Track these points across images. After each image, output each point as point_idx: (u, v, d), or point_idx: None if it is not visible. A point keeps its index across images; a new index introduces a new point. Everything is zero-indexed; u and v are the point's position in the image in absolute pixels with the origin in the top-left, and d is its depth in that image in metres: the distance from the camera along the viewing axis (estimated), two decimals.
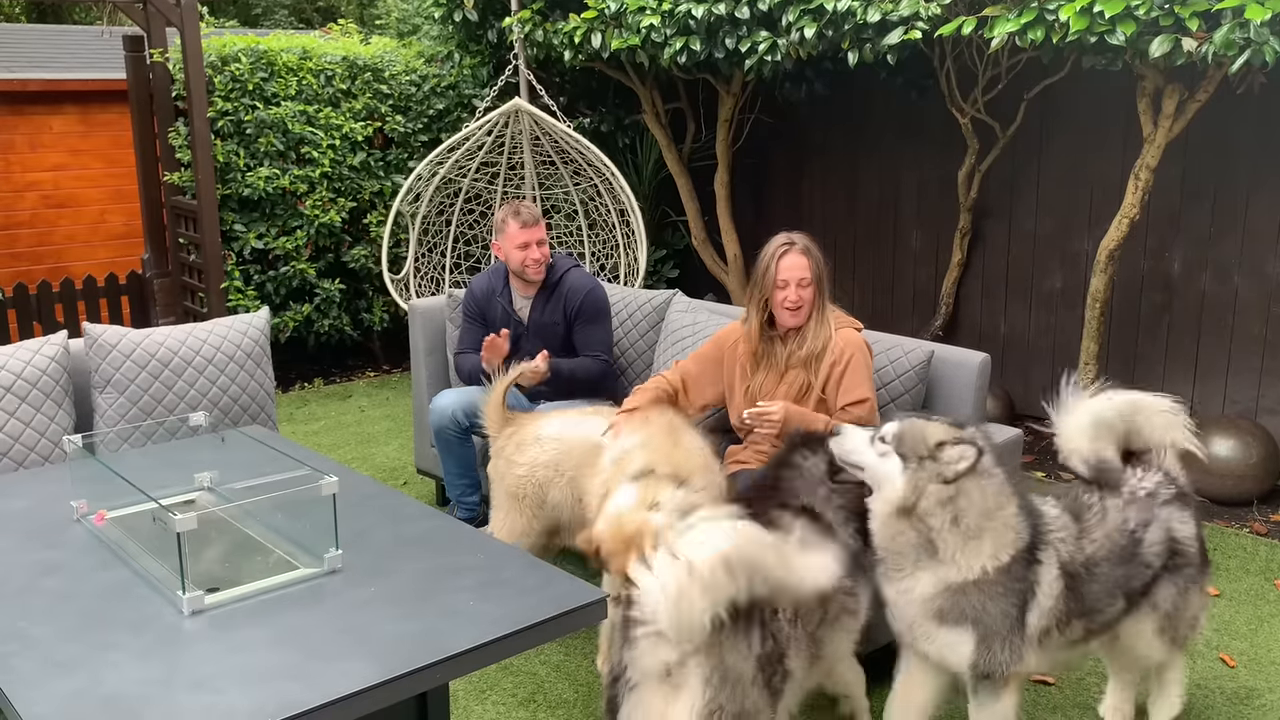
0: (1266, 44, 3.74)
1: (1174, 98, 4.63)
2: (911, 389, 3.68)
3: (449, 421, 4.11)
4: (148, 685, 1.92)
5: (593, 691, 3.34)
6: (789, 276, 3.31)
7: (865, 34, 4.79)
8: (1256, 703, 3.26)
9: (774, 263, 3.33)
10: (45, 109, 8.83)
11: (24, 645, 2.06)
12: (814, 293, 3.34)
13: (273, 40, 6.87)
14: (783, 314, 3.35)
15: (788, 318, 3.35)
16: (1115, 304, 5.49)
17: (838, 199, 6.95)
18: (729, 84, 6.53)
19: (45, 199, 8.90)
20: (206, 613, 2.19)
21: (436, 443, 4.22)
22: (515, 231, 4.13)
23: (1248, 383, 5.21)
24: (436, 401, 4.19)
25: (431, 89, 7.28)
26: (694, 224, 7.04)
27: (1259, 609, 3.85)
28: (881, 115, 6.59)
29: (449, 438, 4.14)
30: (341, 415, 6.33)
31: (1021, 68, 5.47)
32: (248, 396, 3.84)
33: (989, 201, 6.10)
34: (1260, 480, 4.72)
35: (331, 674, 1.94)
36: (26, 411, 3.38)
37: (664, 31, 5.48)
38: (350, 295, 7.17)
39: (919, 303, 6.58)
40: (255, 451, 3.04)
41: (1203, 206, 5.28)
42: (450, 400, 4.15)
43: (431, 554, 2.48)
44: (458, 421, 4.10)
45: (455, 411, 4.10)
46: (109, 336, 3.60)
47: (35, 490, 2.94)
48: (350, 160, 6.89)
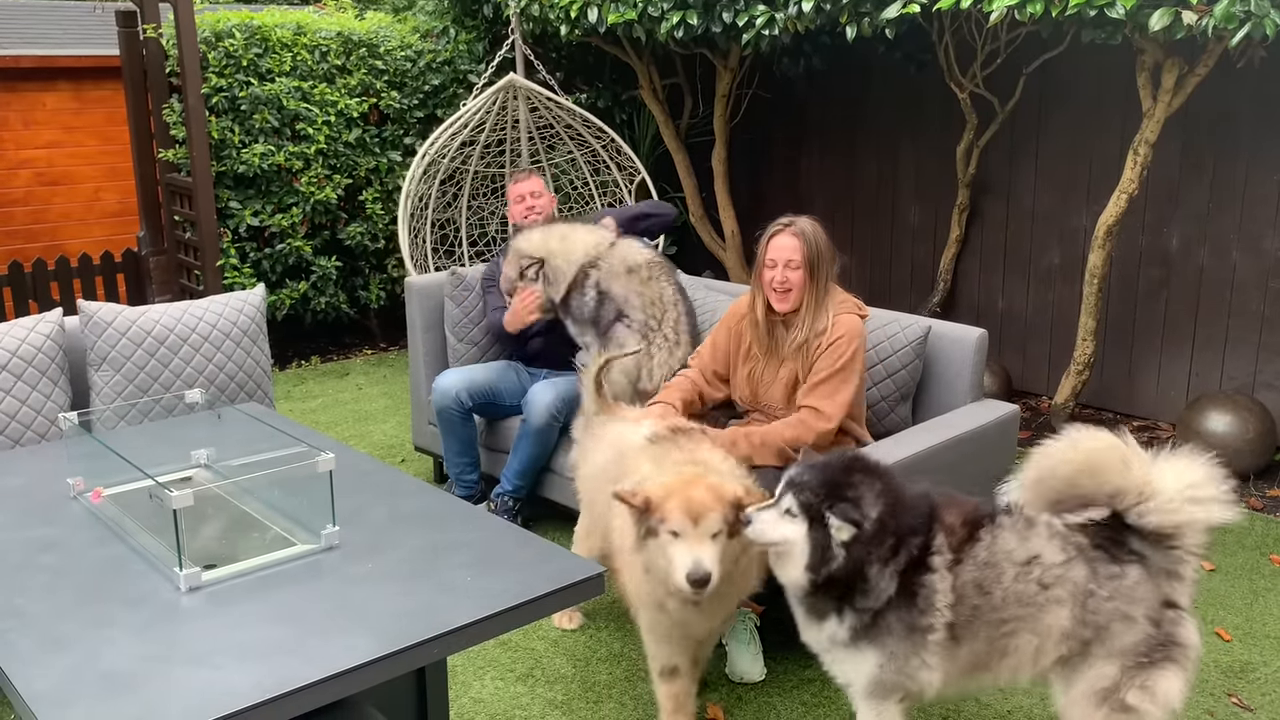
0: (1267, 17, 3.72)
1: (1173, 72, 4.60)
2: (909, 364, 3.68)
3: (452, 402, 4.12)
4: (145, 661, 1.92)
5: (590, 666, 3.35)
6: (777, 257, 3.24)
7: (863, 8, 4.75)
8: (1251, 675, 3.28)
9: (766, 242, 3.29)
10: (38, 86, 8.77)
11: (21, 622, 2.06)
12: (804, 276, 3.22)
13: (267, 16, 6.82)
14: (770, 294, 3.27)
15: (775, 300, 3.27)
16: (1113, 280, 5.49)
17: (836, 175, 6.92)
18: (726, 59, 6.49)
19: (39, 176, 8.85)
20: (204, 589, 2.19)
21: (438, 422, 4.22)
22: (511, 189, 4.51)
23: (1245, 358, 5.21)
24: (439, 381, 4.19)
25: (427, 64, 7.24)
26: (691, 200, 7.02)
27: (1254, 583, 3.86)
28: (880, 90, 6.55)
29: (451, 417, 4.15)
30: (339, 393, 6.33)
31: (1020, 42, 5.44)
32: (244, 374, 3.83)
33: (987, 177, 6.08)
34: (1256, 455, 4.73)
35: (329, 649, 1.94)
36: (22, 389, 3.37)
37: (661, 6, 5.44)
38: (347, 272, 7.15)
39: (917, 279, 6.57)
40: (252, 428, 3.04)
41: (1201, 182, 5.26)
42: (454, 380, 4.16)
43: (429, 530, 2.48)
44: (461, 402, 4.12)
45: (459, 392, 4.12)
46: (104, 314, 3.59)
47: (31, 467, 2.94)
48: (346, 137, 6.86)
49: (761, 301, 3.32)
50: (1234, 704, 3.14)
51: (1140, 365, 5.60)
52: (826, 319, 3.26)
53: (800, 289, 3.24)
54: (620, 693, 3.21)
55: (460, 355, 4.46)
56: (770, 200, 7.24)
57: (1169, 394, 5.50)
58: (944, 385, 3.73)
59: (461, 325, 4.46)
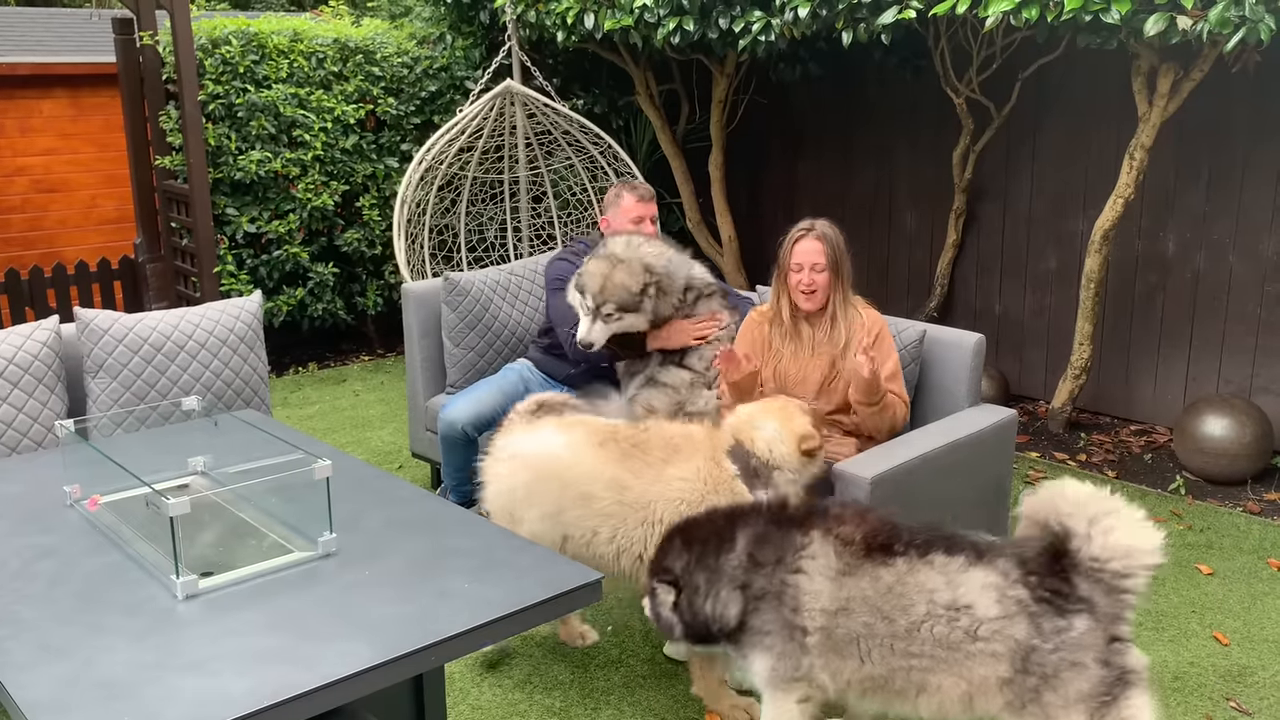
0: (1261, 22, 3.73)
1: (1169, 77, 4.61)
2: (906, 369, 3.68)
3: (458, 434, 4.04)
4: (142, 669, 1.92)
5: (589, 673, 3.35)
6: (803, 260, 3.43)
7: (859, 13, 4.76)
8: (1250, 680, 3.28)
9: (791, 246, 3.47)
10: (35, 93, 8.76)
11: (17, 629, 2.06)
12: (829, 278, 3.43)
13: (263, 23, 6.82)
14: (798, 297, 3.46)
15: (803, 300, 3.46)
16: (1110, 284, 5.49)
17: (832, 180, 6.93)
18: (723, 65, 6.50)
19: (36, 184, 8.85)
20: (200, 597, 2.18)
21: (440, 442, 4.16)
22: (631, 205, 4.08)
23: (1242, 362, 5.22)
24: (447, 412, 4.07)
25: (424, 71, 7.24)
26: (688, 206, 7.02)
27: (1252, 587, 3.86)
28: (876, 95, 6.57)
29: (454, 444, 4.09)
30: (336, 399, 6.32)
31: (1016, 47, 5.45)
32: (241, 381, 3.82)
33: (984, 182, 6.09)
34: (1254, 459, 4.73)
35: (327, 657, 1.94)
36: (19, 397, 3.36)
37: (657, 12, 5.45)
38: (344, 279, 7.14)
39: (914, 283, 6.58)
40: (249, 435, 3.04)
41: (1197, 186, 5.27)
42: (461, 413, 4.03)
43: (426, 537, 2.47)
44: (466, 434, 4.04)
45: (465, 426, 4.01)
46: (101, 321, 3.59)
47: (28, 475, 2.93)
48: (342, 143, 6.86)
49: (787, 303, 3.51)
50: (1233, 708, 3.14)
51: (1137, 369, 5.60)
52: (857, 315, 3.48)
53: (826, 289, 3.45)
54: (619, 699, 3.21)
55: (457, 361, 4.45)
56: (767, 205, 7.25)
57: (1166, 398, 5.50)
58: (941, 390, 3.73)
59: (458, 331, 4.45)
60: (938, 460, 3.29)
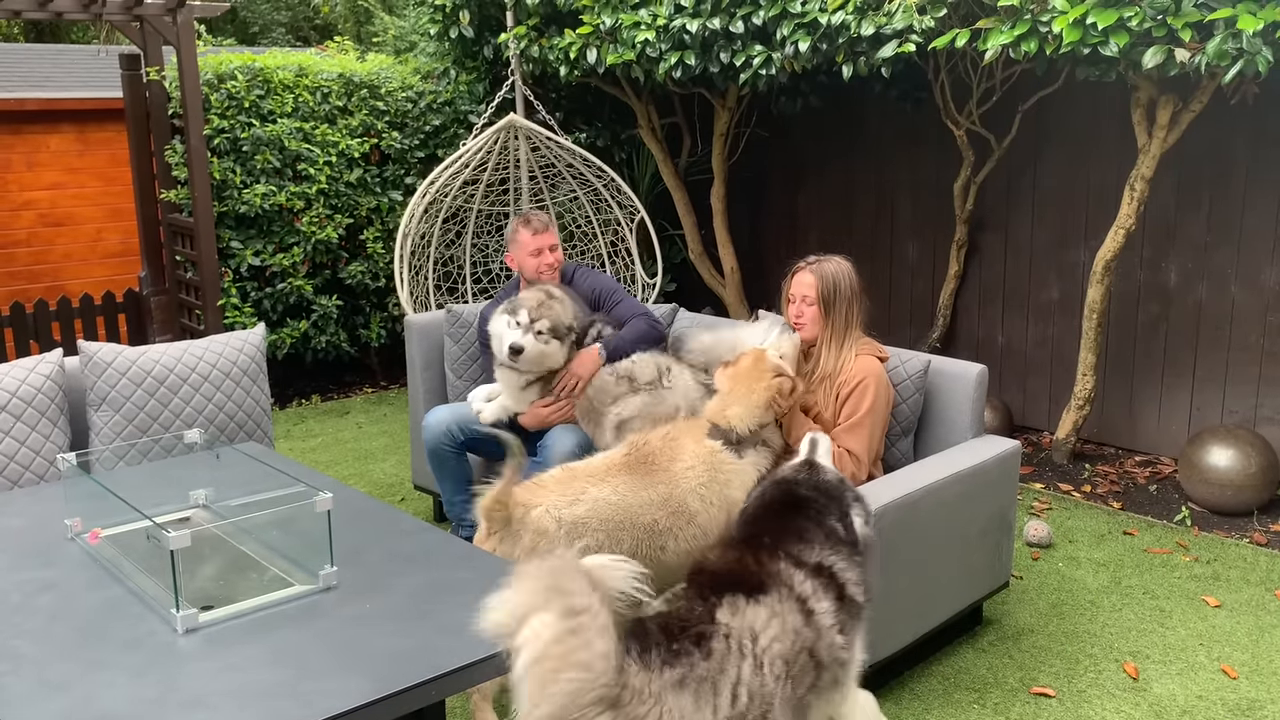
0: (1259, 54, 3.75)
1: (1168, 108, 4.64)
2: (909, 400, 3.68)
3: (443, 436, 3.97)
4: (141, 704, 1.91)
5: None
6: (795, 292, 3.55)
7: (859, 47, 4.80)
8: (1258, 714, 3.25)
9: (790, 277, 3.59)
10: (42, 128, 8.85)
11: (17, 664, 2.05)
12: (818, 311, 3.49)
13: (269, 58, 6.89)
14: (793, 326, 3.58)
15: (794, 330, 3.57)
16: (1112, 314, 5.50)
17: (834, 212, 6.96)
18: (724, 98, 6.54)
19: (42, 217, 8.91)
20: (201, 630, 2.17)
21: (431, 463, 4.06)
22: (528, 239, 4.12)
23: (1246, 392, 5.21)
24: (429, 418, 4.03)
25: (428, 105, 7.30)
26: (691, 238, 7.05)
27: (1260, 619, 3.83)
28: (877, 128, 6.61)
29: (444, 454, 4.00)
30: (339, 432, 6.32)
31: (1016, 80, 5.49)
32: (243, 413, 3.83)
33: (985, 213, 6.11)
34: (1259, 490, 4.71)
35: (327, 692, 1.93)
36: (21, 430, 3.37)
37: (659, 46, 5.50)
38: (348, 311, 7.16)
39: (916, 314, 6.59)
40: (251, 468, 3.03)
41: (1198, 216, 5.28)
42: (443, 415, 4.01)
43: (427, 570, 2.46)
44: (452, 436, 3.96)
45: (450, 427, 3.97)
46: (104, 354, 3.60)
47: (30, 508, 2.93)
48: (347, 177, 6.90)
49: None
50: None
51: (1141, 400, 5.59)
52: (843, 357, 3.47)
53: (814, 323, 3.51)
54: None
55: (459, 393, 4.45)
56: (769, 237, 7.27)
57: (1170, 428, 5.49)
58: (945, 421, 3.72)
59: (460, 362, 4.46)
60: (941, 492, 3.28)
